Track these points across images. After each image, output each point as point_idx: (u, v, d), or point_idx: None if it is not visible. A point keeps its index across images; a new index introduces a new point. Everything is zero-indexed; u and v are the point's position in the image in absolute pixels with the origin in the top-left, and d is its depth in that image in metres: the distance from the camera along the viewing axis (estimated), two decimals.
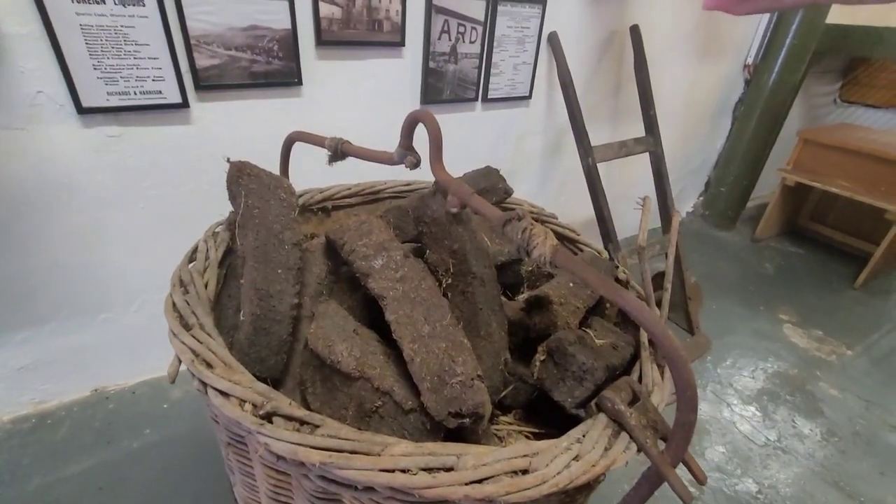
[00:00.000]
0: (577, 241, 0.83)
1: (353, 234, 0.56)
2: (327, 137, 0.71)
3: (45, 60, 0.91)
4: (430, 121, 0.53)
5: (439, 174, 0.54)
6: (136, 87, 1.00)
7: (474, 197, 0.51)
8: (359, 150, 0.66)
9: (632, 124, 1.89)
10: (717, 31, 2.01)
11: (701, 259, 2.28)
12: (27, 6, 0.86)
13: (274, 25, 1.08)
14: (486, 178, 0.82)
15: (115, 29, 0.93)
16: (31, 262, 1.06)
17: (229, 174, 0.62)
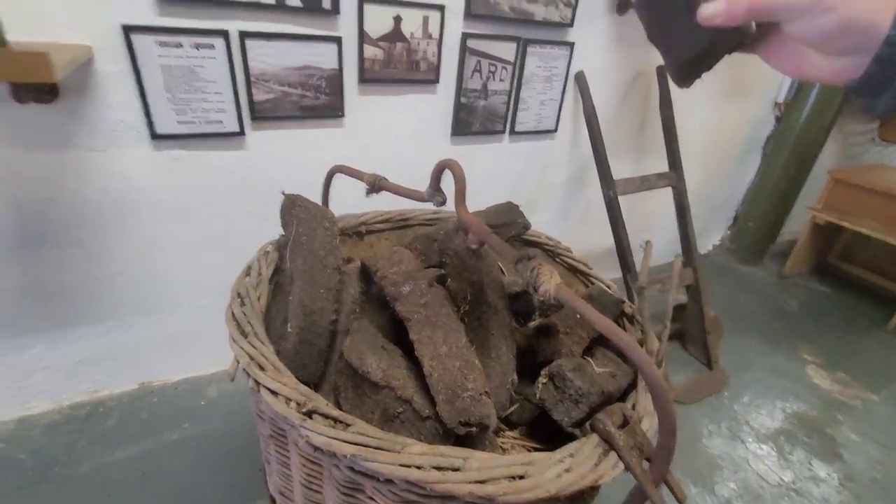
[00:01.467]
0: (589, 274, 0.90)
1: (386, 262, 0.65)
2: (366, 173, 0.81)
3: (129, 94, 1.05)
4: (456, 168, 0.62)
5: (462, 214, 0.62)
6: (202, 117, 1.14)
7: (492, 236, 0.59)
8: (393, 187, 0.75)
9: (655, 159, 1.94)
10: (745, 72, 2.05)
11: (724, 293, 2.28)
12: (120, 49, 1.00)
13: (323, 66, 1.21)
14: (507, 212, 0.90)
15: (189, 68, 1.08)
16: (100, 267, 1.20)
17: (283, 204, 0.72)
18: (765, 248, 2.58)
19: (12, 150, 1.00)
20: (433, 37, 1.31)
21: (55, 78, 0.70)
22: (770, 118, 2.32)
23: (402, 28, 1.26)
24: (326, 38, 1.18)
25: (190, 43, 1.05)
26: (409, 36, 1.27)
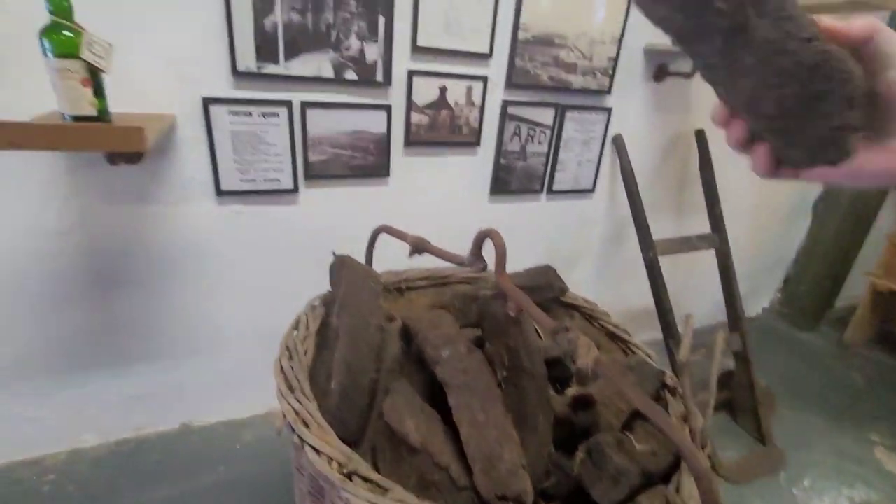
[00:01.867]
0: (629, 342, 0.89)
1: (427, 324, 0.67)
2: (409, 234, 0.85)
3: (201, 154, 1.18)
4: (497, 238, 0.65)
5: (502, 282, 0.64)
6: (262, 176, 1.24)
7: (530, 305, 0.61)
8: (435, 250, 0.79)
9: (697, 219, 1.91)
10: None
11: (777, 361, 2.14)
12: (199, 117, 1.13)
13: (373, 130, 1.31)
14: (544, 275, 0.92)
15: (255, 133, 1.19)
16: (160, 309, 1.29)
17: (333, 264, 0.78)
18: (821, 313, 2.43)
19: (100, 203, 1.13)
20: (475, 104, 1.39)
21: (147, 148, 0.81)
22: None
23: (446, 97, 1.35)
24: (377, 107, 1.29)
25: (258, 112, 1.18)
26: (453, 104, 1.37)
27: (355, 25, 1.18)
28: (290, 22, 1.12)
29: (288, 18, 1.11)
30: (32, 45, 0.80)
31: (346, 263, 0.76)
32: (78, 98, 0.83)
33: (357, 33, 1.19)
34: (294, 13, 1.12)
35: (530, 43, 1.38)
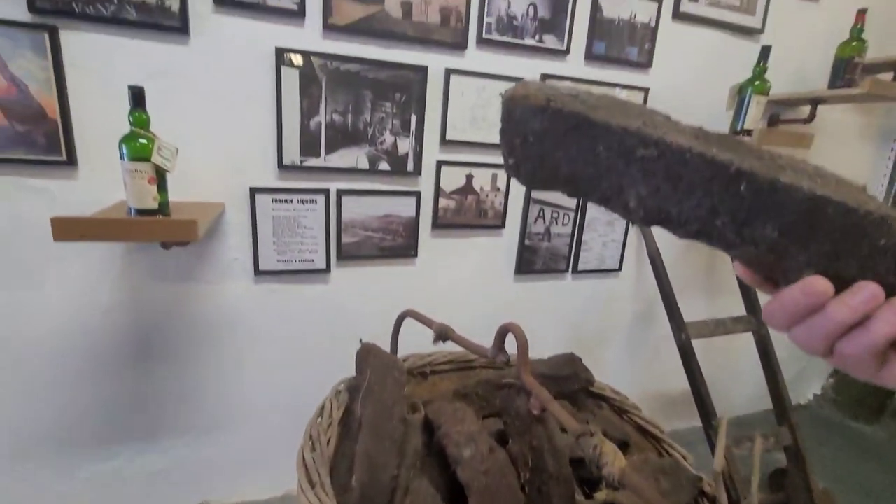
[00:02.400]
0: (662, 440, 0.84)
1: (449, 419, 0.67)
2: (434, 321, 0.87)
3: (244, 237, 1.27)
4: (519, 333, 0.66)
5: (525, 378, 0.64)
6: (297, 257, 1.32)
7: (553, 403, 0.60)
8: (459, 339, 0.80)
9: (731, 300, 1.86)
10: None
11: (835, 456, 1.94)
12: (245, 205, 1.24)
13: (402, 214, 1.39)
14: (569, 364, 0.91)
15: (294, 218, 1.29)
16: (189, 381, 1.32)
17: (359, 352, 0.80)
18: (881, 402, 2.22)
19: (148, 282, 1.22)
20: (500, 189, 1.47)
21: (198, 238, 0.88)
22: None
23: (473, 183, 1.43)
24: (407, 193, 1.37)
25: (298, 199, 1.28)
26: (478, 189, 1.44)
27: (390, 123, 1.30)
28: (332, 122, 1.25)
29: (330, 119, 1.24)
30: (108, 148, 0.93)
31: (372, 351, 0.78)
32: (144, 194, 0.94)
33: (391, 130, 1.30)
34: (336, 114, 1.25)
35: None
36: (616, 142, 0.32)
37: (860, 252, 0.29)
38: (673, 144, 0.31)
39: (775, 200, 0.29)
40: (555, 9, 1.36)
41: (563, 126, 0.33)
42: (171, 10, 1.07)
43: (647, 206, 0.33)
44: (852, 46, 1.47)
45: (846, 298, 0.28)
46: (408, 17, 1.24)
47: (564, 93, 0.34)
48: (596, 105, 0.34)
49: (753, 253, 0.31)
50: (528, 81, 0.35)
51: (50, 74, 1.03)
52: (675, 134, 0.32)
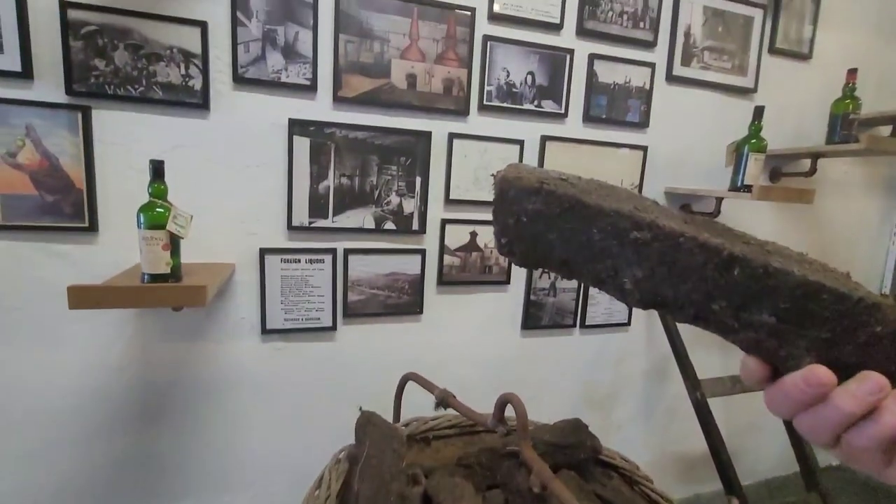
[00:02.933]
0: None
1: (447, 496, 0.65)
2: (436, 387, 0.86)
3: (252, 297, 1.29)
4: (518, 405, 0.65)
5: (526, 453, 0.63)
6: (304, 315, 1.33)
7: (555, 482, 0.59)
8: (459, 406, 0.79)
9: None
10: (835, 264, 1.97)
11: None
12: (255, 265, 1.28)
13: (408, 272, 1.41)
14: (574, 433, 0.88)
15: (302, 277, 1.31)
16: (192, 440, 1.31)
17: (358, 420, 0.79)
18: None
19: (158, 342, 1.24)
20: None
21: (207, 303, 0.91)
22: None
23: (477, 241, 1.46)
24: (413, 251, 1.40)
25: (306, 258, 1.31)
26: (483, 246, 1.47)
27: (395, 185, 1.35)
28: (340, 185, 1.30)
29: (338, 182, 1.30)
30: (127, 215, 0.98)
31: (372, 421, 0.77)
32: (157, 260, 0.98)
33: (397, 191, 1.35)
34: (344, 178, 1.30)
35: None
36: (610, 224, 0.33)
37: (858, 339, 0.29)
38: (665, 228, 0.31)
39: (769, 285, 0.30)
40: (552, 76, 1.44)
41: (556, 208, 0.34)
42: (193, 88, 1.16)
43: (643, 289, 0.33)
44: (846, 104, 1.50)
45: (852, 388, 0.28)
46: (412, 87, 1.32)
47: (555, 176, 0.36)
48: (587, 188, 0.35)
49: (753, 338, 0.31)
50: (519, 164, 0.37)
51: (80, 150, 1.11)
52: (666, 218, 0.33)
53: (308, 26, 1.21)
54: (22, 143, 1.08)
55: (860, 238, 1.99)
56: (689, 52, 1.57)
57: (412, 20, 1.29)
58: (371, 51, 1.27)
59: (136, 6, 1.10)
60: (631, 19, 1.49)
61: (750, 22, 1.63)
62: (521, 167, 0.36)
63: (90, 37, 1.08)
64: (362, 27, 1.25)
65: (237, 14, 1.16)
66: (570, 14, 1.43)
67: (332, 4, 1.22)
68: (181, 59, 1.14)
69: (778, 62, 1.70)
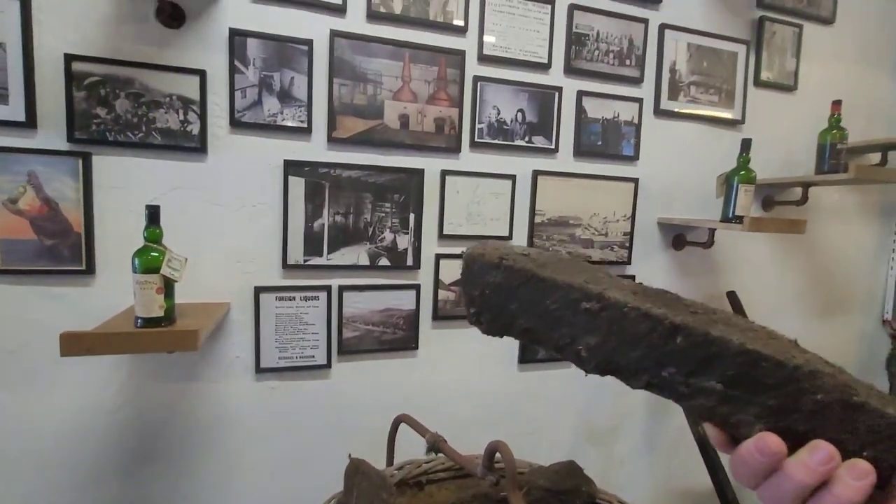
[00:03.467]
0: None
1: None
2: (428, 430, 0.85)
3: (247, 336, 1.29)
4: (506, 452, 0.64)
5: (514, 501, 0.62)
6: (299, 353, 1.33)
7: None
8: (450, 452, 0.78)
9: None
10: (834, 290, 1.97)
11: None
12: (249, 304, 1.28)
13: (402, 307, 1.41)
14: (570, 476, 0.86)
15: (296, 315, 1.32)
16: (184, 484, 1.29)
17: (347, 469, 0.78)
18: None
19: (153, 383, 1.23)
20: None
21: (198, 348, 0.91)
22: (883, 336, 2.09)
23: None
24: (407, 286, 1.41)
25: (301, 296, 1.32)
26: None
27: (389, 222, 1.37)
28: (335, 223, 1.32)
29: (333, 220, 1.32)
30: (124, 257, 0.99)
31: (361, 469, 0.76)
32: (151, 303, 0.99)
33: (391, 228, 1.37)
34: (339, 216, 1.32)
35: (546, 225, 1.52)
36: (562, 296, 0.35)
37: (804, 407, 0.30)
38: (612, 299, 0.34)
39: (712, 353, 0.31)
40: (541, 113, 1.48)
41: (515, 281, 0.37)
42: (191, 133, 1.19)
43: (597, 357, 0.35)
44: (832, 134, 1.53)
45: (803, 458, 0.28)
46: (405, 127, 1.36)
47: (518, 251, 0.39)
48: (545, 263, 0.38)
49: (706, 405, 0.32)
50: (487, 242, 0.41)
51: (80, 194, 1.13)
52: (616, 290, 0.35)
53: (303, 72, 1.26)
54: (23, 189, 1.11)
55: (858, 263, 1.99)
56: (676, 87, 1.61)
57: (404, 63, 1.34)
58: (364, 93, 1.31)
59: (139, 57, 1.15)
60: (617, 57, 1.54)
61: (734, 57, 1.68)
62: (487, 245, 0.40)
63: (93, 87, 1.12)
64: (356, 71, 1.30)
65: (235, 62, 1.21)
66: (558, 54, 1.48)
67: (327, 51, 1.27)
68: (180, 105, 1.18)
69: (764, 94, 1.73)
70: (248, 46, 1.21)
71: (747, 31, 1.70)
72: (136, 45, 1.15)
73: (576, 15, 1.47)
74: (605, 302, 0.34)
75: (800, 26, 1.74)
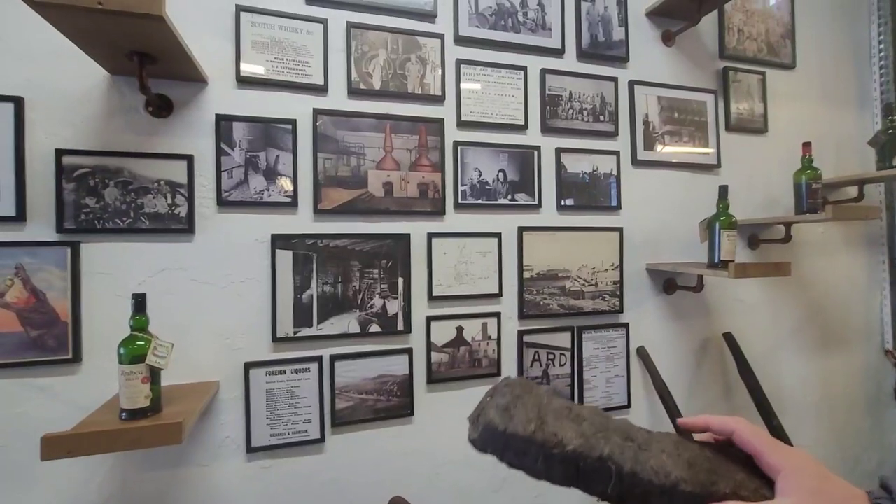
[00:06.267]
0: None
1: None
2: None
3: (237, 415, 1.26)
4: None
5: None
6: (291, 429, 1.30)
7: None
8: None
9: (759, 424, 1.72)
10: (831, 323, 1.96)
11: None
12: (239, 381, 1.26)
13: (396, 373, 1.39)
14: None
15: (287, 389, 1.29)
16: None
17: None
18: None
19: (138, 472, 1.19)
20: (492, 338, 1.48)
21: (183, 440, 0.89)
22: (888, 367, 2.06)
23: (463, 335, 1.45)
24: (399, 351, 1.39)
25: (292, 369, 1.30)
26: (470, 340, 1.46)
27: (378, 288, 1.37)
28: (324, 293, 1.32)
29: (321, 291, 1.32)
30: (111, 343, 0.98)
31: None
32: (136, 394, 0.97)
33: (380, 293, 1.37)
34: (327, 286, 1.33)
35: (536, 279, 1.53)
36: (523, 444, 0.46)
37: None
38: (549, 443, 0.44)
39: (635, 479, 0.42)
40: (522, 171, 1.52)
41: (496, 437, 0.47)
42: (179, 215, 1.22)
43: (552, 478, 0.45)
44: (807, 174, 1.57)
45: None
46: (389, 194, 1.39)
47: (501, 404, 0.48)
48: (519, 418, 0.47)
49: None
50: (511, 382, 0.51)
51: (67, 283, 1.14)
52: (565, 428, 0.45)
53: (288, 149, 1.30)
54: (11, 282, 1.11)
55: (851, 295, 1.99)
56: (651, 137, 1.67)
57: (386, 134, 1.39)
58: (348, 165, 1.35)
59: (128, 147, 1.19)
60: (591, 114, 1.60)
61: (703, 105, 1.75)
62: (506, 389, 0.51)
63: (82, 178, 1.16)
64: (339, 145, 1.34)
65: (222, 145, 1.25)
66: (533, 115, 1.54)
67: (311, 128, 1.32)
68: (168, 189, 1.21)
69: (737, 137, 1.80)
70: (234, 129, 1.26)
71: (713, 80, 1.78)
72: (126, 136, 1.19)
73: (548, 78, 1.55)
74: (543, 451, 0.45)
75: (762, 73, 1.83)
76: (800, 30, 1.91)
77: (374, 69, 1.38)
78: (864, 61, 2.02)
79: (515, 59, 1.53)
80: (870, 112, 2.02)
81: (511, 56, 1.53)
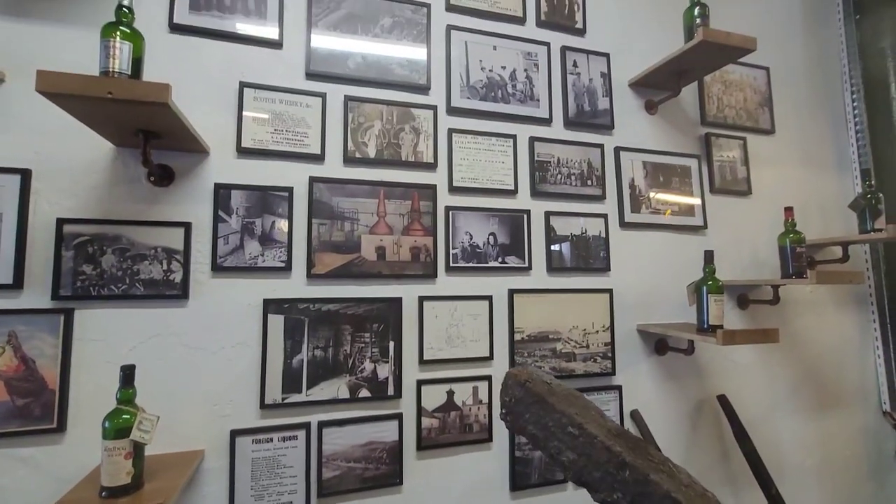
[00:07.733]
0: None
1: None
2: None
3: (221, 486, 1.23)
4: None
5: None
6: (276, 500, 1.26)
7: None
8: None
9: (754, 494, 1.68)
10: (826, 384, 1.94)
11: None
12: (224, 449, 1.24)
13: (385, 439, 1.37)
14: None
15: (274, 458, 1.27)
16: None
17: None
18: None
19: None
20: (483, 402, 1.47)
21: None
22: (887, 429, 2.02)
23: (454, 399, 1.44)
24: (389, 416, 1.38)
25: (279, 437, 1.28)
26: (461, 404, 1.45)
27: (369, 352, 1.37)
28: (314, 357, 1.33)
29: (312, 355, 1.32)
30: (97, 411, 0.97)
31: None
32: (118, 471, 0.96)
33: (371, 357, 1.37)
34: (318, 350, 1.33)
35: (527, 341, 1.53)
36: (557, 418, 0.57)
37: None
38: (588, 430, 0.55)
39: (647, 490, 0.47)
40: (512, 234, 1.56)
41: (529, 398, 0.60)
42: (174, 281, 1.24)
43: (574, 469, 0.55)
44: (790, 237, 1.61)
45: None
46: (382, 258, 1.42)
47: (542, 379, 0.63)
48: (555, 391, 0.60)
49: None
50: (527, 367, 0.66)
51: (58, 350, 1.15)
52: (596, 426, 0.56)
53: (284, 216, 1.34)
54: (2, 349, 1.12)
55: (844, 354, 1.98)
56: (637, 200, 1.72)
57: (379, 200, 1.43)
58: (342, 230, 1.39)
59: (128, 215, 1.23)
60: (579, 178, 1.66)
61: (688, 169, 1.81)
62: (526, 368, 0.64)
63: (81, 246, 1.19)
64: (334, 211, 1.39)
65: (219, 213, 1.29)
66: (523, 180, 1.60)
67: (306, 195, 1.36)
68: (164, 256, 1.24)
69: (721, 200, 1.85)
70: (232, 197, 1.30)
71: (696, 146, 1.85)
72: (127, 204, 1.23)
73: (536, 146, 1.62)
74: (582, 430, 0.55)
75: (743, 138, 1.91)
76: (776, 98, 2.01)
77: (370, 138, 1.45)
78: (840, 127, 2.11)
79: (505, 127, 1.60)
80: (849, 175, 2.09)
81: (501, 125, 1.60)
